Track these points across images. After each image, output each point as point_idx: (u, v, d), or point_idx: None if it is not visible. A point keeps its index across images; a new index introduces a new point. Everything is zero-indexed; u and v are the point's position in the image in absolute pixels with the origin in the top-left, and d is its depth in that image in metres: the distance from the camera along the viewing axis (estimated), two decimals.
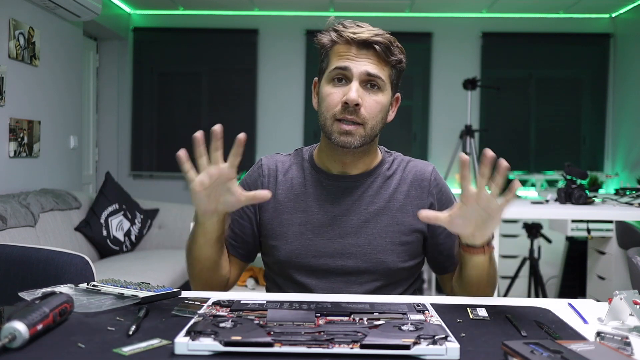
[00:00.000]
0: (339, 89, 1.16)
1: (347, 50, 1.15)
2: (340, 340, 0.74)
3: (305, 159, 1.29)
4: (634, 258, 1.65)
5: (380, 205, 1.23)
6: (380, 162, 1.27)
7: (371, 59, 1.15)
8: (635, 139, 4.56)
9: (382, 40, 1.14)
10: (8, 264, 1.89)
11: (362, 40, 1.14)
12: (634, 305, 0.89)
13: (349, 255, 1.20)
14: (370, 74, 1.14)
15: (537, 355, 0.69)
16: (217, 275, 1.21)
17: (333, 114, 1.16)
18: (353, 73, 1.14)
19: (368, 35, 1.14)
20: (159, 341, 0.77)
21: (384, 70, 1.16)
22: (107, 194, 3.41)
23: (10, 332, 0.72)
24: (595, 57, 5.01)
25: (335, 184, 1.24)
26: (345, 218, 1.22)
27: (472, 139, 3.97)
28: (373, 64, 1.15)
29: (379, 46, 1.14)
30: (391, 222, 1.22)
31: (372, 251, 1.20)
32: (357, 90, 1.13)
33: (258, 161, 1.32)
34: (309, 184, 1.25)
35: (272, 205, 1.24)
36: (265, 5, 4.87)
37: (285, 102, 5.06)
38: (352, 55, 1.15)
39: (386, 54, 1.15)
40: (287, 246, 1.22)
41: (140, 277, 2.49)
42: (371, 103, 1.15)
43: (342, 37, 1.15)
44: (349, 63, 1.14)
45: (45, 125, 3.45)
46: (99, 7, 3.58)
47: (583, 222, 3.19)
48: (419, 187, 1.25)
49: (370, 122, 1.16)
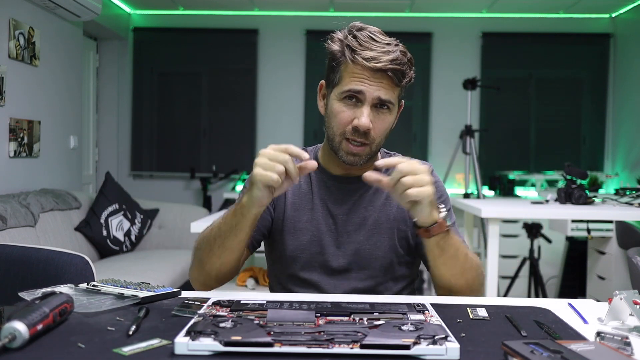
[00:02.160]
0: (350, 110, 1.16)
1: (361, 72, 1.14)
2: (340, 340, 0.74)
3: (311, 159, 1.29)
4: (634, 258, 1.65)
5: (378, 205, 1.27)
6: None
7: (384, 83, 1.14)
8: (635, 139, 4.56)
9: (397, 67, 1.14)
10: (8, 264, 1.89)
11: (378, 69, 1.13)
12: (634, 305, 0.89)
13: (350, 252, 1.24)
14: (383, 99, 1.15)
15: (537, 355, 0.69)
16: (231, 268, 1.20)
17: (342, 132, 1.18)
18: (366, 97, 1.14)
19: (383, 65, 1.13)
20: (159, 341, 0.77)
21: (394, 93, 1.17)
22: (107, 194, 3.41)
23: (10, 332, 0.72)
24: (595, 57, 5.01)
25: (338, 185, 1.27)
26: (346, 217, 1.26)
27: (472, 139, 3.97)
28: (385, 88, 1.15)
29: (392, 73, 1.14)
30: (388, 219, 1.26)
31: (371, 247, 1.24)
32: (368, 116, 1.14)
33: None
34: (314, 183, 1.28)
35: (282, 201, 1.28)
36: (265, 5, 4.87)
37: (285, 102, 5.07)
38: (365, 78, 1.14)
39: (399, 79, 1.16)
40: (292, 242, 1.25)
41: (140, 277, 2.49)
42: (380, 124, 1.17)
43: (356, 61, 1.14)
44: (363, 87, 1.14)
45: (45, 125, 3.45)
46: (99, 7, 3.58)
47: (583, 222, 3.19)
48: None
49: (377, 140, 1.19)
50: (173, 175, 4.95)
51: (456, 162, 4.24)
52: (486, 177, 4.63)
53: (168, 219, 3.73)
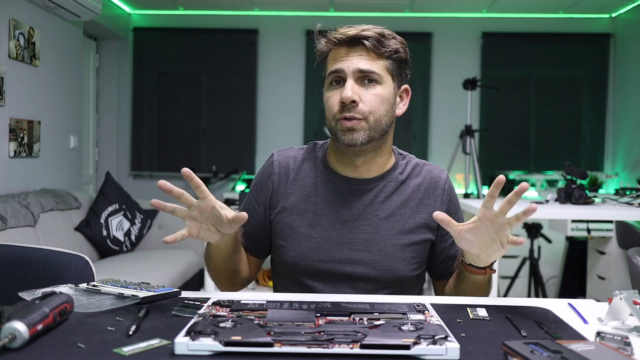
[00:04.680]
0: (337, 91, 1.15)
1: (339, 52, 1.16)
2: (340, 340, 0.74)
3: (319, 158, 1.26)
4: (634, 258, 1.65)
5: (391, 212, 1.21)
6: (394, 165, 1.25)
7: (362, 54, 1.14)
8: (635, 139, 4.56)
9: (370, 34, 1.14)
10: (8, 264, 1.89)
11: (350, 37, 1.14)
12: (634, 305, 0.89)
13: (358, 261, 1.19)
14: (363, 69, 1.13)
15: (537, 355, 0.69)
16: (239, 278, 1.25)
17: (334, 114, 1.16)
18: (346, 72, 1.14)
19: (355, 32, 1.13)
20: (159, 341, 0.77)
21: (378, 64, 1.15)
22: (107, 194, 3.41)
23: (10, 332, 0.72)
24: (595, 57, 5.01)
25: (347, 186, 1.21)
26: (356, 224, 1.19)
27: (472, 139, 3.97)
28: (364, 59, 1.14)
29: (367, 41, 1.13)
30: (402, 230, 1.20)
31: (383, 259, 1.19)
32: (351, 88, 1.13)
33: (270, 157, 1.30)
34: (320, 184, 1.23)
35: (282, 205, 1.23)
36: (265, 5, 4.86)
37: (285, 102, 5.06)
38: (343, 56, 1.15)
39: (377, 47, 1.14)
40: (295, 248, 1.20)
41: (140, 277, 2.49)
42: (369, 97, 1.14)
43: (331, 40, 1.16)
44: (341, 64, 1.14)
45: (45, 125, 3.45)
46: (99, 7, 3.58)
47: (583, 222, 3.19)
48: (433, 194, 1.24)
49: (372, 115, 1.14)
50: (173, 175, 4.95)
51: (456, 162, 4.24)
52: (486, 177, 4.63)
53: (168, 219, 3.73)
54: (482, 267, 1.09)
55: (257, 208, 1.26)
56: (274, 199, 1.25)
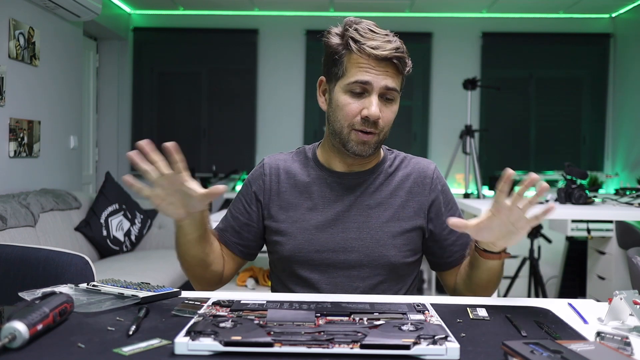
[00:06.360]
0: (358, 101, 1.17)
1: (367, 62, 1.15)
2: (340, 340, 0.74)
3: (309, 158, 1.30)
4: (634, 258, 1.65)
5: (381, 201, 1.25)
6: (382, 159, 1.30)
7: (389, 71, 1.16)
8: (635, 139, 4.56)
9: (400, 55, 1.16)
10: (8, 264, 1.89)
11: (384, 57, 1.15)
12: (634, 305, 0.89)
13: (351, 249, 1.22)
14: (389, 87, 1.16)
15: (537, 355, 0.69)
16: (208, 271, 1.23)
17: (351, 124, 1.18)
18: (373, 87, 1.15)
19: (389, 52, 1.14)
20: (159, 341, 0.77)
21: (398, 81, 1.19)
22: (107, 194, 3.41)
23: (10, 332, 0.72)
24: (595, 57, 5.01)
25: (339, 182, 1.26)
26: (348, 213, 1.24)
27: (472, 138, 3.97)
28: (390, 76, 1.16)
29: (397, 60, 1.16)
30: (392, 217, 1.24)
31: (375, 245, 1.22)
32: (377, 105, 1.15)
33: (260, 161, 1.34)
34: (313, 181, 1.27)
35: (277, 202, 1.27)
36: (265, 5, 4.87)
37: (285, 102, 5.07)
38: (371, 68, 1.15)
39: (402, 67, 1.18)
40: (291, 241, 1.24)
41: (140, 277, 2.49)
42: (388, 114, 1.19)
43: (363, 52, 1.15)
44: (369, 77, 1.15)
45: (45, 125, 3.45)
46: (99, 7, 3.58)
47: (583, 222, 3.18)
48: (421, 184, 1.28)
49: (385, 129, 1.20)
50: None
51: (456, 162, 4.24)
52: (486, 177, 4.63)
53: (168, 219, 3.72)
54: (497, 252, 1.12)
55: (250, 207, 1.28)
56: (267, 198, 1.27)
